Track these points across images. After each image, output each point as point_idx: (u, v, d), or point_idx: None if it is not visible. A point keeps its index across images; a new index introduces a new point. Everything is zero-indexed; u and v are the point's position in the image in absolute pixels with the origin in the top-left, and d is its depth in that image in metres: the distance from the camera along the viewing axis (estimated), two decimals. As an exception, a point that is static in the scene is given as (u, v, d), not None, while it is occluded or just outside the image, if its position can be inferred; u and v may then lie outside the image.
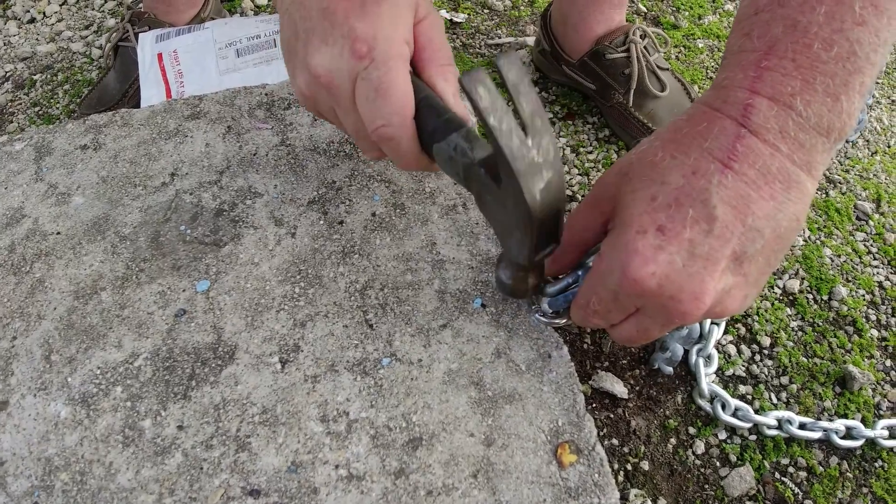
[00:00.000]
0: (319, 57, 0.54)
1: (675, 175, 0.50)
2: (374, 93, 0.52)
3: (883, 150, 1.27)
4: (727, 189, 0.48)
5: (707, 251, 0.48)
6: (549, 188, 0.47)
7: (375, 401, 0.59)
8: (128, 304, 0.66)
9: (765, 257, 0.50)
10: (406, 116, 0.53)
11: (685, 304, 0.49)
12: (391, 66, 0.52)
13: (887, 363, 0.96)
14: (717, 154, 0.49)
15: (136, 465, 0.57)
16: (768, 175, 0.48)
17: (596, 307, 0.55)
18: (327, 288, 0.66)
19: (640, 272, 0.49)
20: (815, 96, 0.47)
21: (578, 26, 1.11)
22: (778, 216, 0.49)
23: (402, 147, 0.55)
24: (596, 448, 0.58)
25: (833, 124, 0.48)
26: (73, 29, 1.49)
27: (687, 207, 0.48)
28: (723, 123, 0.49)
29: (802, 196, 0.49)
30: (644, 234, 0.49)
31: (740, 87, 0.49)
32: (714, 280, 0.49)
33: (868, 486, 0.85)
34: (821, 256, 1.07)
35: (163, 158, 0.78)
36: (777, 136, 0.48)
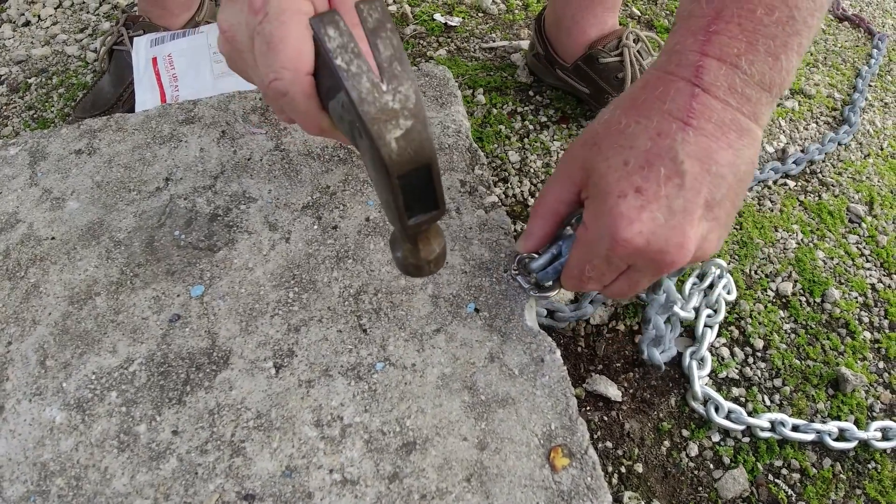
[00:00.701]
0: (226, 13, 0.54)
1: (642, 139, 0.54)
2: (266, 46, 0.51)
3: (876, 153, 1.28)
4: (690, 144, 0.52)
5: (683, 204, 0.53)
6: (408, 137, 0.43)
7: (369, 405, 0.60)
8: (122, 309, 0.66)
9: (730, 200, 0.55)
10: (298, 70, 0.51)
11: (672, 254, 0.54)
12: (283, 19, 0.50)
13: (880, 365, 0.97)
14: (676, 114, 0.53)
15: (131, 470, 0.57)
16: (723, 126, 0.53)
17: (590, 274, 0.59)
18: (321, 293, 0.66)
19: (628, 233, 0.53)
20: (757, 56, 0.52)
21: (572, 30, 1.11)
22: (737, 161, 0.54)
23: (297, 103, 0.52)
24: (588, 451, 0.58)
25: (774, 80, 0.53)
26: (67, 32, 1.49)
27: (658, 166, 0.53)
28: (677, 85, 0.54)
29: (753, 142, 0.55)
30: (624, 197, 0.53)
31: (691, 51, 0.54)
32: (693, 228, 0.53)
33: (861, 488, 0.86)
34: (814, 259, 1.07)
35: (157, 163, 0.78)
36: (727, 92, 0.53)
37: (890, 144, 1.30)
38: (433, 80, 0.88)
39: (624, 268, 0.58)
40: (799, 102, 1.36)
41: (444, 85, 0.87)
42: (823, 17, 0.60)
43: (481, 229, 0.72)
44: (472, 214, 0.73)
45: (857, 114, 1.30)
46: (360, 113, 0.41)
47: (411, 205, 0.46)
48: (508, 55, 1.36)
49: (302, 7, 0.52)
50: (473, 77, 1.30)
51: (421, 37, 1.39)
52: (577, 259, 0.59)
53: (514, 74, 1.31)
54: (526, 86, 1.29)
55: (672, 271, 0.56)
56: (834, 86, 1.42)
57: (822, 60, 1.49)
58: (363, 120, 0.41)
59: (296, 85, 0.51)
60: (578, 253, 0.59)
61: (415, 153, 0.43)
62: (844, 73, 1.46)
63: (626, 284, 0.60)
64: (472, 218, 0.72)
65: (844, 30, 1.61)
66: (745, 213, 1.13)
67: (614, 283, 0.60)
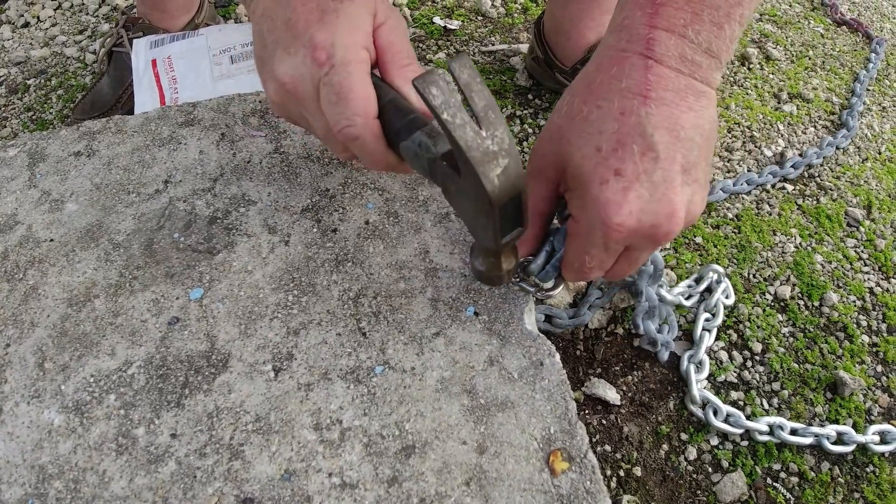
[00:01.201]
0: (284, 66, 0.57)
1: (608, 122, 0.55)
2: (336, 96, 0.55)
3: (874, 157, 1.28)
4: (655, 116, 0.54)
5: (663, 175, 0.54)
6: (506, 173, 0.49)
7: (369, 409, 0.59)
8: (121, 311, 0.66)
9: (703, 159, 0.56)
10: (368, 116, 0.55)
11: (665, 225, 0.55)
12: (350, 70, 0.55)
13: (878, 368, 0.97)
14: (635, 90, 0.54)
15: (129, 474, 0.57)
16: (681, 92, 0.54)
17: (590, 264, 0.59)
18: (321, 296, 0.66)
19: (619, 217, 0.54)
20: (703, 26, 0.54)
21: (571, 34, 1.12)
22: (700, 122, 0.55)
23: (367, 146, 0.57)
24: (588, 455, 0.58)
25: (720, 48, 0.55)
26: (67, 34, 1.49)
27: (631, 145, 0.54)
28: (631, 61, 0.55)
29: (710, 101, 0.56)
30: (606, 182, 0.54)
31: (640, 24, 0.55)
32: (679, 196, 0.55)
33: (860, 492, 0.86)
34: (812, 263, 1.07)
35: (156, 165, 0.78)
36: (678, 61, 0.54)
37: (888, 148, 1.30)
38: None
39: (621, 250, 0.59)
40: (797, 106, 1.36)
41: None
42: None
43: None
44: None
45: (856, 118, 1.31)
46: (468, 158, 0.47)
47: (504, 227, 0.53)
48: (508, 59, 1.36)
49: (362, 56, 0.57)
50: (473, 80, 1.30)
51: (420, 40, 1.39)
52: (574, 252, 0.60)
53: (513, 78, 1.31)
54: (525, 89, 1.29)
55: (668, 241, 0.58)
56: (832, 90, 1.42)
57: (820, 65, 1.50)
58: (472, 164, 0.48)
59: (367, 129, 0.56)
60: (574, 246, 0.59)
61: (511, 186, 0.50)
62: (843, 77, 1.46)
63: (626, 264, 0.61)
64: (472, 221, 0.73)
65: (842, 34, 1.61)
66: (743, 216, 1.13)
67: (615, 265, 0.61)
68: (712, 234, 1.09)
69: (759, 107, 1.34)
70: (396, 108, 0.57)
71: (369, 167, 0.63)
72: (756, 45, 1.51)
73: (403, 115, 0.57)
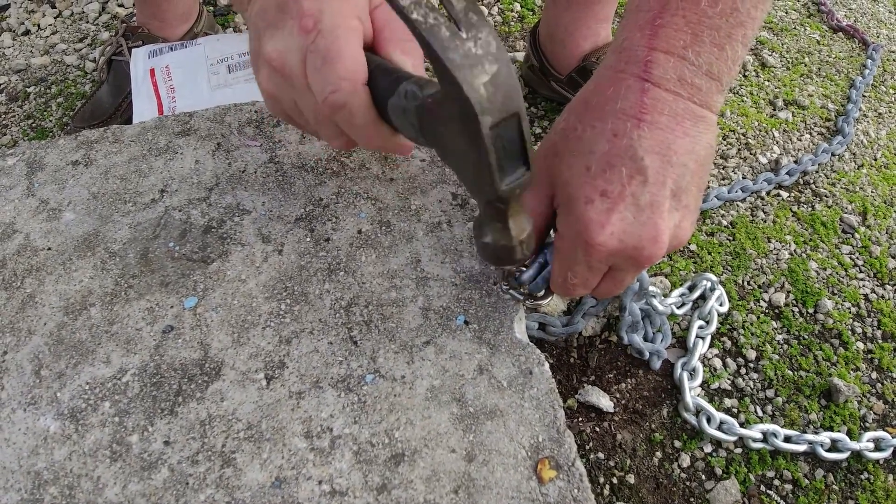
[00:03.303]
0: (272, 43, 0.55)
1: (600, 142, 0.55)
2: (321, 61, 0.52)
3: (869, 163, 1.28)
4: (647, 140, 0.53)
5: (650, 199, 0.54)
6: (496, 82, 0.42)
7: (359, 417, 0.60)
8: (116, 319, 0.67)
9: (696, 185, 0.56)
10: (356, 81, 0.52)
11: (648, 248, 0.55)
12: (338, 34, 0.52)
13: (873, 375, 0.97)
14: (629, 112, 0.54)
15: (123, 480, 0.58)
16: (677, 116, 0.54)
17: (573, 280, 0.60)
18: (313, 305, 0.67)
19: (600, 237, 0.54)
20: (703, 47, 0.54)
21: (566, 42, 1.13)
22: (695, 148, 0.55)
23: (356, 116, 0.53)
24: (576, 463, 0.58)
25: (721, 70, 0.55)
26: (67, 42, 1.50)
27: (620, 167, 0.54)
28: (627, 83, 0.55)
29: (709, 127, 0.56)
30: (591, 202, 0.54)
31: (639, 46, 0.55)
32: (664, 220, 0.54)
33: (854, 499, 0.86)
34: (806, 270, 1.08)
35: (153, 175, 0.79)
36: (677, 84, 0.54)
37: (884, 155, 1.31)
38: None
39: (605, 269, 0.59)
40: (793, 113, 1.36)
41: None
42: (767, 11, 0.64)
43: (471, 242, 0.72)
44: (462, 227, 0.74)
45: (851, 124, 1.31)
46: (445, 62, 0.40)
47: (503, 164, 0.45)
48: (504, 66, 1.37)
49: (352, 23, 0.54)
50: (469, 88, 1.30)
51: (417, 48, 1.40)
52: (558, 268, 0.60)
53: (509, 85, 1.32)
54: (521, 97, 1.30)
55: (653, 264, 0.58)
56: (828, 96, 1.43)
57: (815, 71, 1.50)
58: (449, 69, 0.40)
59: (354, 95, 0.52)
60: (559, 261, 0.60)
61: (504, 99, 0.42)
62: (839, 83, 1.47)
63: (611, 284, 0.61)
64: (463, 230, 0.73)
65: (839, 41, 1.61)
66: (737, 223, 1.13)
67: (600, 285, 0.61)
68: (707, 242, 1.10)
69: (754, 114, 1.34)
70: (383, 71, 0.52)
71: (363, 144, 0.59)
72: (752, 52, 1.52)
73: (389, 73, 0.52)
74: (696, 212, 0.58)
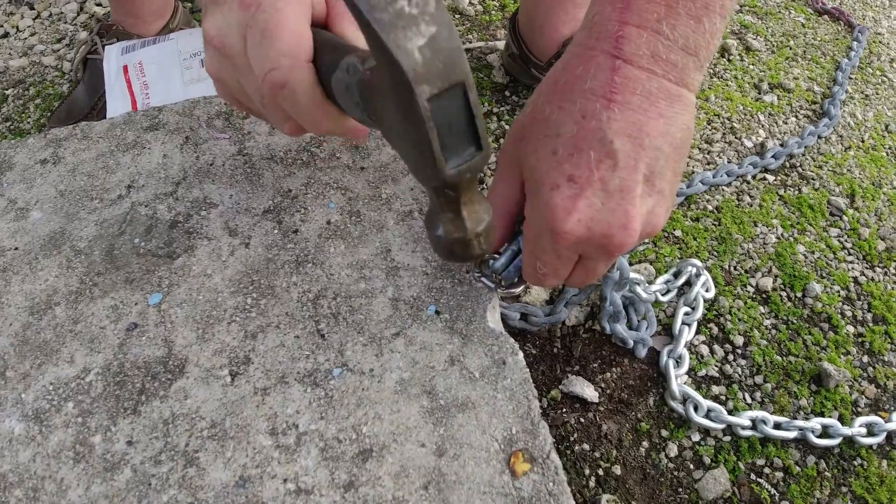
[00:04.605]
0: (212, 20, 0.52)
1: (568, 124, 0.52)
2: (260, 35, 0.48)
3: (857, 145, 1.27)
4: (617, 122, 0.50)
5: (619, 184, 0.51)
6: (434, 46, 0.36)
7: (326, 412, 0.58)
8: (81, 318, 0.65)
9: (671, 169, 0.53)
10: (297, 56, 0.48)
11: (618, 236, 0.52)
12: (279, 6, 0.48)
13: (864, 359, 0.95)
14: (598, 92, 0.51)
15: (86, 482, 0.56)
16: (651, 96, 0.51)
17: (543, 270, 0.57)
18: (280, 298, 0.65)
19: (567, 224, 0.51)
20: (679, 19, 0.50)
21: (544, 28, 1.11)
22: (670, 129, 0.52)
23: (298, 95, 0.49)
24: (550, 456, 0.57)
25: (699, 44, 0.51)
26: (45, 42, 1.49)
27: (587, 151, 0.51)
28: (597, 60, 0.52)
29: (686, 107, 0.53)
30: (557, 188, 0.51)
31: (610, 20, 0.51)
32: (635, 207, 0.51)
33: (847, 486, 0.84)
34: (794, 253, 1.06)
35: (120, 171, 0.77)
36: (650, 61, 0.51)
37: (871, 136, 1.29)
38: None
39: (575, 258, 0.56)
40: (778, 97, 1.35)
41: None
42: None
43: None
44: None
45: (837, 106, 1.29)
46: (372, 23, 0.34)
47: (447, 143, 0.39)
48: (485, 56, 1.35)
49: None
50: (450, 78, 1.29)
51: (397, 39, 1.38)
52: (527, 256, 0.58)
53: (490, 75, 1.30)
54: (502, 86, 1.28)
55: (624, 252, 0.55)
56: (814, 79, 1.41)
57: (801, 54, 1.48)
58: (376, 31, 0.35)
59: (295, 72, 0.48)
60: (527, 250, 0.58)
61: (444, 66, 0.37)
62: (824, 66, 1.45)
63: (583, 273, 0.58)
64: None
65: (824, 23, 1.60)
66: (723, 208, 1.12)
67: (572, 274, 0.58)
68: (692, 227, 1.08)
69: (739, 98, 1.32)
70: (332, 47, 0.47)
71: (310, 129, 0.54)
72: (736, 36, 1.50)
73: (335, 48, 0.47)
74: (671, 197, 0.55)
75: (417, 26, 0.36)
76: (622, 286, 0.86)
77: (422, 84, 0.36)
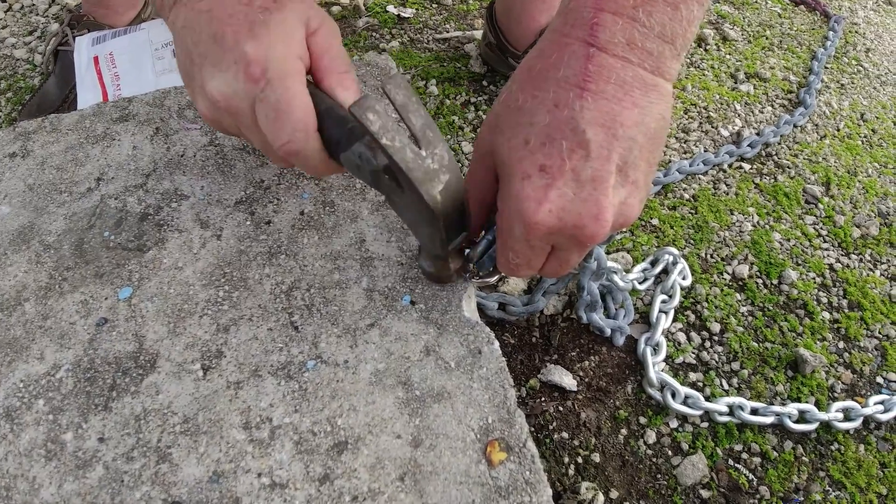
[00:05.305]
0: (215, 83, 0.54)
1: (540, 113, 0.52)
2: (274, 113, 0.53)
3: (832, 134, 1.28)
4: (590, 111, 0.50)
5: (591, 174, 0.50)
6: (447, 189, 0.51)
7: (300, 405, 0.58)
8: (50, 314, 0.64)
9: (645, 160, 0.53)
10: (308, 131, 0.54)
11: (589, 227, 0.51)
12: (287, 84, 0.52)
13: (840, 345, 0.96)
14: (572, 80, 0.51)
15: (58, 480, 0.55)
16: (625, 85, 0.50)
17: (516, 260, 0.57)
18: (252, 290, 0.64)
19: (537, 215, 0.51)
20: (655, 6, 0.50)
21: (521, 17, 1.10)
22: (645, 119, 0.51)
23: (309, 159, 0.56)
24: (527, 444, 0.57)
25: (676, 32, 0.51)
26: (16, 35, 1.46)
27: (560, 140, 0.50)
28: (572, 48, 0.51)
29: (662, 96, 0.52)
30: (529, 178, 0.51)
31: (585, 7, 0.51)
32: (608, 197, 0.51)
33: (825, 470, 0.85)
34: (770, 241, 1.07)
35: (89, 163, 0.76)
36: (625, 49, 0.50)
37: (847, 125, 1.30)
38: (374, 70, 0.86)
39: (548, 249, 0.56)
40: (754, 86, 1.35)
41: (386, 75, 0.85)
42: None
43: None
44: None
45: (813, 95, 1.30)
46: (410, 179, 0.49)
47: (450, 235, 0.56)
48: (462, 45, 1.34)
49: (298, 67, 0.54)
50: (426, 68, 1.28)
51: (374, 29, 1.37)
52: (500, 246, 0.57)
53: (467, 65, 1.29)
54: (479, 76, 1.27)
55: (597, 243, 0.55)
56: (790, 69, 1.42)
57: (777, 44, 1.49)
58: (413, 184, 0.49)
59: (308, 143, 0.54)
60: (500, 239, 0.57)
61: (453, 200, 0.52)
62: (800, 56, 1.46)
63: (556, 264, 0.58)
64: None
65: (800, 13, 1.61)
66: (700, 197, 1.12)
67: (545, 264, 0.58)
68: (669, 216, 1.08)
69: (715, 87, 1.33)
70: (335, 119, 0.56)
71: (309, 174, 0.63)
72: (713, 26, 1.50)
73: (341, 124, 0.55)
74: (646, 188, 0.55)
75: (438, 177, 0.51)
76: (599, 276, 0.86)
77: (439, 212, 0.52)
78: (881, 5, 1.69)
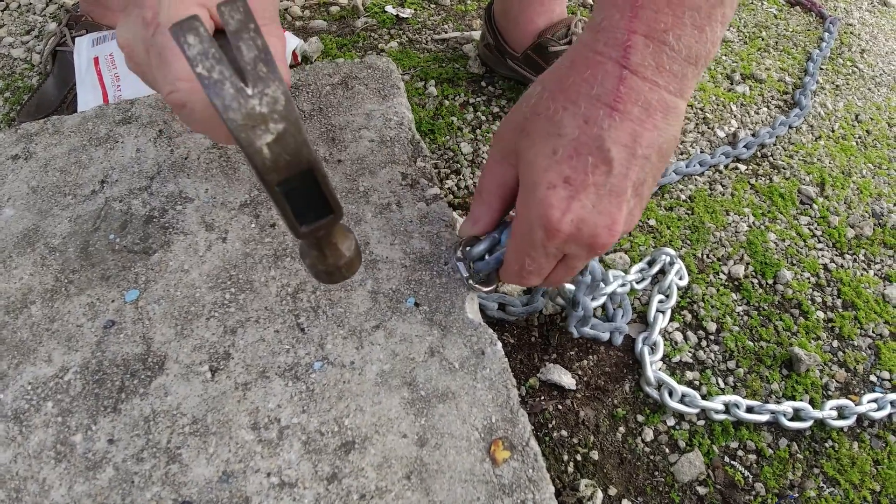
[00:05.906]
0: (121, 29, 0.53)
1: (570, 126, 0.54)
2: (158, 59, 0.50)
3: (827, 135, 1.29)
4: (617, 130, 0.52)
5: (610, 189, 0.54)
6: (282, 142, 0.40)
7: (307, 406, 0.59)
8: (57, 317, 0.65)
9: (652, 176, 0.56)
10: (192, 79, 0.49)
11: (603, 237, 0.55)
12: None
13: (834, 344, 0.98)
14: (604, 99, 0.53)
15: (68, 481, 0.56)
16: (650, 108, 0.53)
17: (530, 268, 0.59)
18: (258, 293, 0.65)
19: (560, 224, 0.54)
20: (684, 30, 0.52)
21: (520, 19, 1.11)
22: (660, 140, 0.54)
23: (196, 114, 0.51)
24: (530, 443, 0.58)
25: (700, 53, 0.53)
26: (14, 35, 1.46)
27: (586, 156, 0.53)
28: (605, 67, 0.53)
29: (678, 118, 0.55)
30: (554, 188, 0.54)
31: (618, 28, 0.53)
32: (622, 211, 0.54)
33: (819, 467, 0.86)
34: (765, 241, 1.08)
35: (93, 166, 0.76)
36: (654, 72, 0.52)
37: (841, 126, 1.31)
38: (376, 73, 0.87)
39: (560, 256, 0.58)
40: (750, 87, 1.36)
41: (386, 77, 0.86)
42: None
43: (422, 222, 0.71)
44: (412, 207, 0.72)
45: (809, 97, 1.32)
46: (226, 122, 0.39)
47: (302, 212, 0.44)
48: (460, 46, 1.35)
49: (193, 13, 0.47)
50: (425, 69, 1.28)
51: (372, 29, 1.37)
52: (515, 252, 0.59)
53: (466, 65, 1.30)
54: (478, 76, 1.28)
55: (606, 251, 0.58)
56: (785, 70, 1.43)
57: (773, 45, 1.50)
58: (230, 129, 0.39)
59: (193, 94, 0.50)
60: (515, 245, 0.59)
61: (291, 158, 0.41)
62: (796, 57, 1.47)
63: (563, 271, 0.61)
64: (413, 211, 0.72)
65: (796, 14, 1.62)
66: (696, 198, 1.13)
67: (553, 272, 0.60)
68: (665, 216, 1.09)
69: (711, 88, 1.34)
70: None
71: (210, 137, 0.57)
72: (710, 26, 1.51)
73: None
74: (647, 199, 0.59)
75: (266, 125, 0.40)
76: (594, 289, 0.87)
77: (270, 174, 0.41)
78: (876, 6, 1.70)
